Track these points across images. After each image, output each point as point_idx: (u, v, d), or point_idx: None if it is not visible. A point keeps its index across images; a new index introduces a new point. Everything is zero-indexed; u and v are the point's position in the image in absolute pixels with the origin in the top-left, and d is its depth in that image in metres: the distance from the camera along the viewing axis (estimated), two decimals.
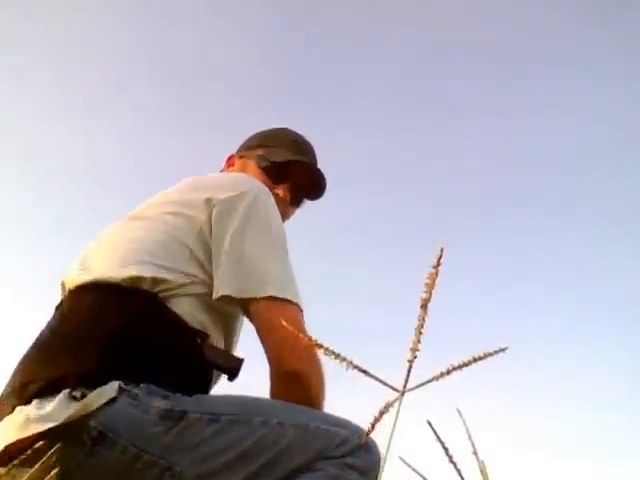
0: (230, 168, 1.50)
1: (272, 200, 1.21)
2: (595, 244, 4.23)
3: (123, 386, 0.92)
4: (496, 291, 4.22)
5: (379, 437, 0.51)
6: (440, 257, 0.45)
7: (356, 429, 0.98)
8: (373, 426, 0.49)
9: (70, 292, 1.11)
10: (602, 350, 4.14)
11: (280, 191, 1.41)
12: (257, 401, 1.05)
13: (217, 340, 1.13)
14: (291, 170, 1.43)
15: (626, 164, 4.06)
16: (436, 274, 0.46)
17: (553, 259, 4.27)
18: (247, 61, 4.28)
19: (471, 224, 4.36)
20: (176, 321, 1.04)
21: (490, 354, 0.43)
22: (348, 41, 4.27)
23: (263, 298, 1.07)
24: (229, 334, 1.19)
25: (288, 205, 1.46)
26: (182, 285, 1.07)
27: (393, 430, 0.49)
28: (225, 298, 1.07)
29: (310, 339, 0.56)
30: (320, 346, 0.55)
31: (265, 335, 1.08)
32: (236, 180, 1.23)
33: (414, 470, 0.61)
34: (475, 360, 0.44)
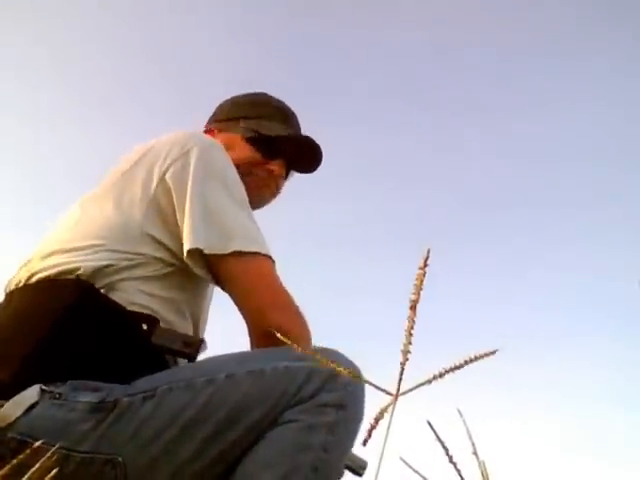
0: None
1: (224, 151, 1.13)
2: (595, 240, 4.20)
3: (45, 388, 0.85)
4: (496, 289, 4.21)
5: (374, 441, 0.51)
6: (427, 258, 0.45)
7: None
8: (370, 434, 0.48)
9: (7, 293, 1.04)
10: (602, 347, 4.12)
11: (275, 167, 1.32)
12: (204, 361, 0.97)
13: (179, 321, 1.04)
14: (285, 144, 1.33)
15: (627, 160, 4.03)
16: (423, 275, 0.45)
17: (552, 256, 4.25)
18: (248, 61, 4.28)
19: (470, 221, 4.35)
20: (114, 309, 0.95)
21: (481, 356, 0.43)
22: (348, 40, 4.26)
23: (230, 254, 0.99)
24: (194, 312, 1.10)
25: (283, 180, 1.36)
26: (129, 267, 0.99)
27: (387, 434, 0.48)
28: (192, 254, 0.99)
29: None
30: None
31: (239, 293, 1.01)
32: (183, 137, 1.14)
33: (415, 471, 0.60)
34: (467, 362, 0.43)
